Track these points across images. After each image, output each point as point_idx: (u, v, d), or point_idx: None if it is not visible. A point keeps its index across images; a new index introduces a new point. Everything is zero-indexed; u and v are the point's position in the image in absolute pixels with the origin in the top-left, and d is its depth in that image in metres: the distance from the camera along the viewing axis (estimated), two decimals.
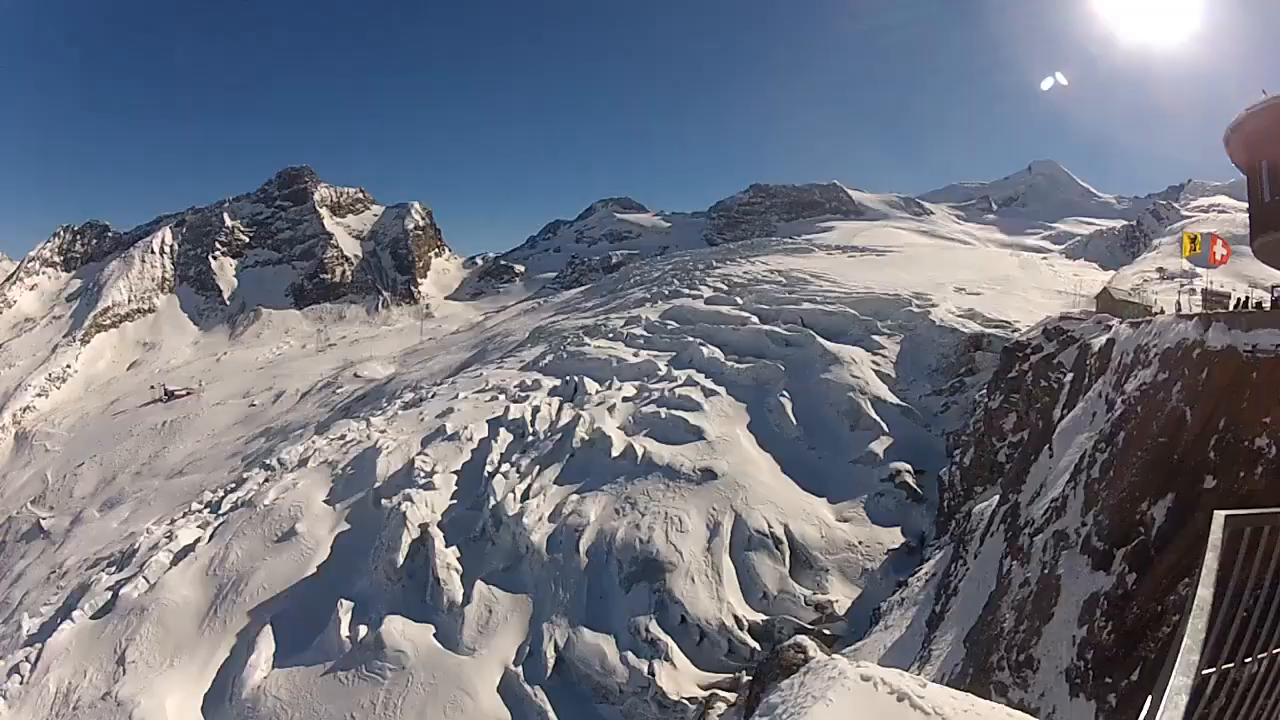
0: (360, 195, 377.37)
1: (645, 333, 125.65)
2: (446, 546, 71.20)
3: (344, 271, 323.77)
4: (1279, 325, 20.56)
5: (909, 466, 74.75)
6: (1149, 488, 23.06)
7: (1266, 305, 31.76)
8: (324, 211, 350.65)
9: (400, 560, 70.21)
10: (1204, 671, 4.37)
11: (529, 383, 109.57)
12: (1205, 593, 4.25)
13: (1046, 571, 27.70)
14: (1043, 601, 26.71)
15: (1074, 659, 22.82)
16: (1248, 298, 38.49)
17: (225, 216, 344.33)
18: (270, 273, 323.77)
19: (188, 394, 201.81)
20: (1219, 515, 4.29)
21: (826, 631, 56.88)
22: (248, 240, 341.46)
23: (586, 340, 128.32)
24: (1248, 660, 4.74)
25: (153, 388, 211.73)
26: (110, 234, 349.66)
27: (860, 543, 66.12)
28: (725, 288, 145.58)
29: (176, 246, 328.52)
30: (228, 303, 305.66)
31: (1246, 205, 28.49)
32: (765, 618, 59.69)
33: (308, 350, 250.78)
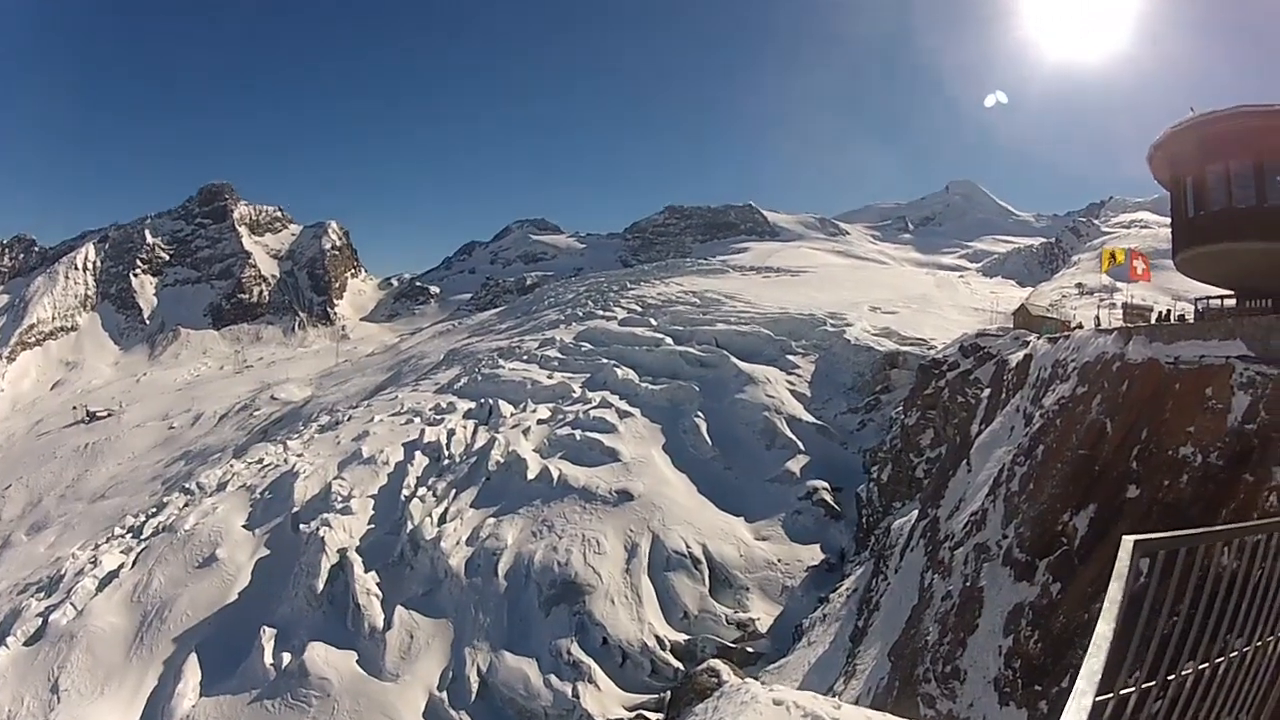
0: (278, 214, 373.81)
1: (560, 354, 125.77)
2: (366, 572, 70.38)
3: (261, 292, 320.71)
4: (1202, 337, 21.06)
5: (826, 484, 75.55)
6: (1070, 499, 23.42)
7: (1190, 318, 32.54)
8: (243, 230, 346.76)
9: (320, 586, 69.30)
10: (1122, 691, 4.33)
11: (444, 405, 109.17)
12: (1105, 628, 4.07)
13: (969, 584, 27.99)
14: (966, 613, 26.96)
15: (1002, 668, 23.01)
16: (1169, 311, 39.46)
17: (146, 233, 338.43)
18: (189, 292, 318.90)
19: (108, 415, 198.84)
20: (1127, 541, 4.17)
21: (750, 650, 57.13)
22: (168, 258, 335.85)
23: (501, 362, 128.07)
24: (1170, 678, 4.71)
25: (75, 408, 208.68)
26: (37, 249, 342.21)
27: (780, 561, 66.52)
28: (639, 309, 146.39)
29: (99, 263, 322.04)
30: (147, 322, 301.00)
31: (1169, 220, 29.26)
32: (687, 637, 59.63)
33: (225, 372, 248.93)
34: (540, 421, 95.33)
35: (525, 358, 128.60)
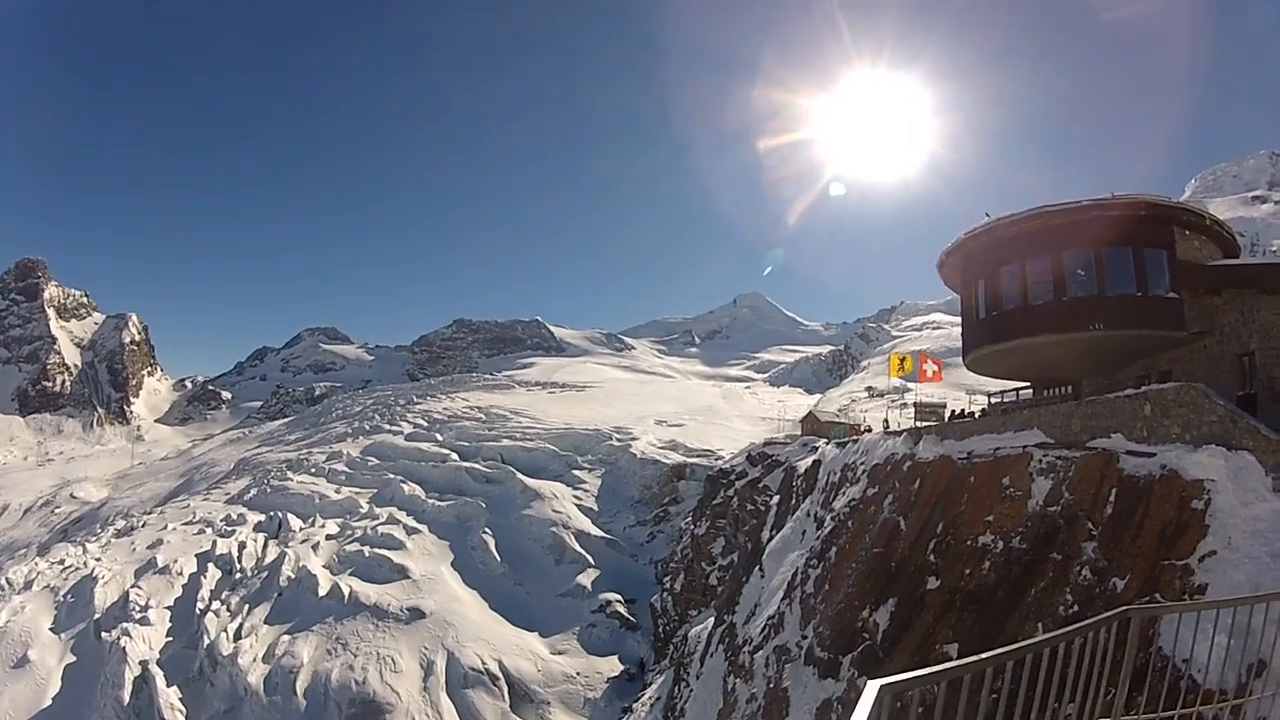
0: (84, 300, 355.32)
1: (347, 468, 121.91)
2: (168, 686, 67.57)
3: (64, 381, 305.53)
4: (995, 430, 22.12)
5: (619, 596, 75.33)
6: (868, 596, 23.87)
7: (979, 415, 33.85)
8: (51, 312, 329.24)
9: (126, 698, 66.49)
10: None
11: (235, 517, 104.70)
12: None
13: (772, 685, 28.02)
14: (773, 714, 26.86)
15: None
16: (964, 410, 41.05)
17: None
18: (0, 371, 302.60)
19: None
20: (872, 686, 3.97)
21: None
22: None
23: (290, 475, 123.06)
24: None
25: None
26: None
27: (578, 673, 65.43)
28: (426, 424, 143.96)
29: None
30: None
31: (960, 321, 30.67)
32: None
33: (29, 463, 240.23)
34: (329, 537, 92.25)
35: (313, 470, 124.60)
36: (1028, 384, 32.30)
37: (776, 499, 47.42)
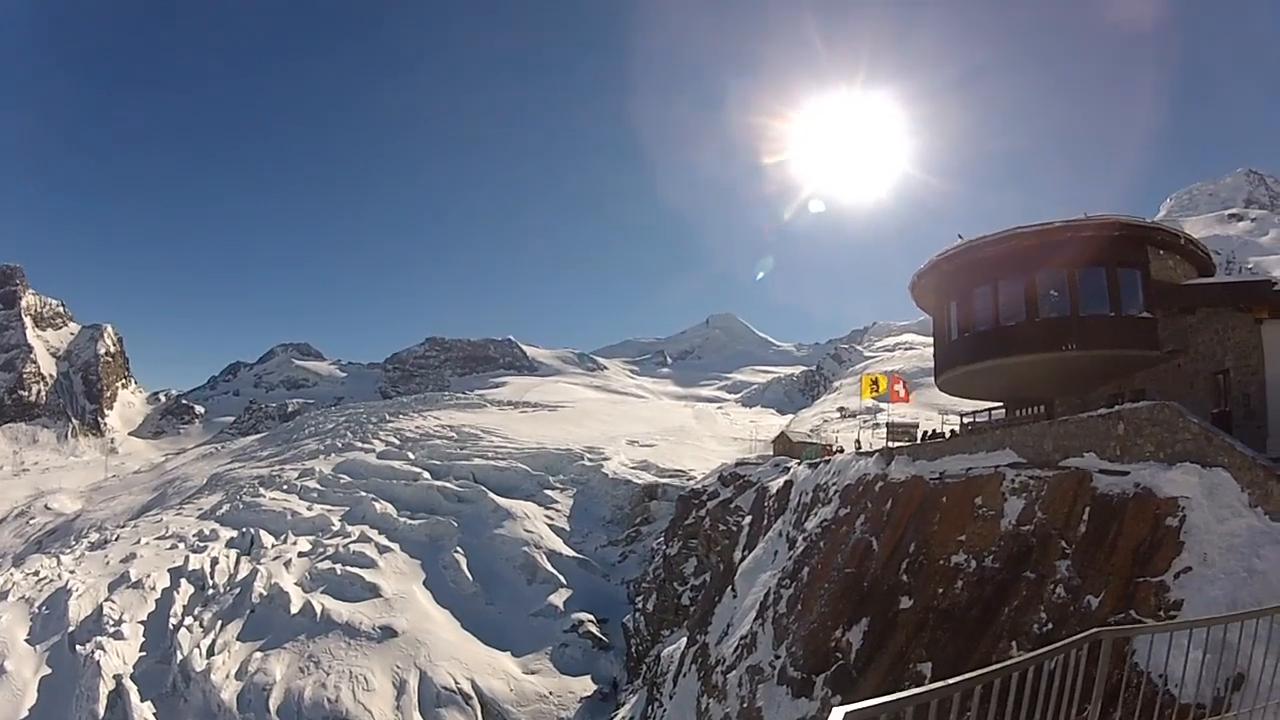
0: (60, 309, 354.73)
1: (319, 486, 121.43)
2: (142, 701, 67.29)
3: (40, 391, 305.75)
4: (967, 450, 22.08)
5: (591, 616, 75.08)
6: (840, 616, 23.77)
7: (949, 435, 33.79)
8: (28, 321, 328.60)
9: (101, 712, 66.34)
10: None
11: (207, 532, 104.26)
12: None
13: (745, 705, 27.84)
14: None
15: None
16: (935, 430, 41.05)
17: None
18: None
19: None
20: (837, 713, 3.92)
21: None
22: None
23: (262, 491, 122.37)
24: None
25: None
26: None
27: (551, 693, 65.17)
28: (398, 442, 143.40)
29: None
30: None
31: (933, 342, 30.65)
32: None
33: (4, 472, 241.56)
34: (301, 554, 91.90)
35: (285, 487, 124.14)
36: (1000, 404, 32.29)
37: (748, 519, 47.27)
